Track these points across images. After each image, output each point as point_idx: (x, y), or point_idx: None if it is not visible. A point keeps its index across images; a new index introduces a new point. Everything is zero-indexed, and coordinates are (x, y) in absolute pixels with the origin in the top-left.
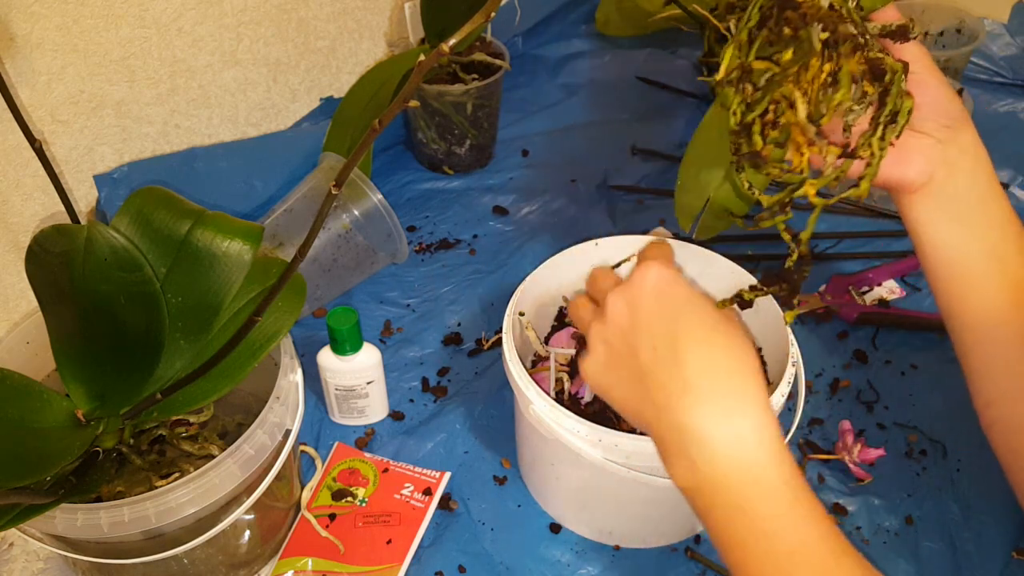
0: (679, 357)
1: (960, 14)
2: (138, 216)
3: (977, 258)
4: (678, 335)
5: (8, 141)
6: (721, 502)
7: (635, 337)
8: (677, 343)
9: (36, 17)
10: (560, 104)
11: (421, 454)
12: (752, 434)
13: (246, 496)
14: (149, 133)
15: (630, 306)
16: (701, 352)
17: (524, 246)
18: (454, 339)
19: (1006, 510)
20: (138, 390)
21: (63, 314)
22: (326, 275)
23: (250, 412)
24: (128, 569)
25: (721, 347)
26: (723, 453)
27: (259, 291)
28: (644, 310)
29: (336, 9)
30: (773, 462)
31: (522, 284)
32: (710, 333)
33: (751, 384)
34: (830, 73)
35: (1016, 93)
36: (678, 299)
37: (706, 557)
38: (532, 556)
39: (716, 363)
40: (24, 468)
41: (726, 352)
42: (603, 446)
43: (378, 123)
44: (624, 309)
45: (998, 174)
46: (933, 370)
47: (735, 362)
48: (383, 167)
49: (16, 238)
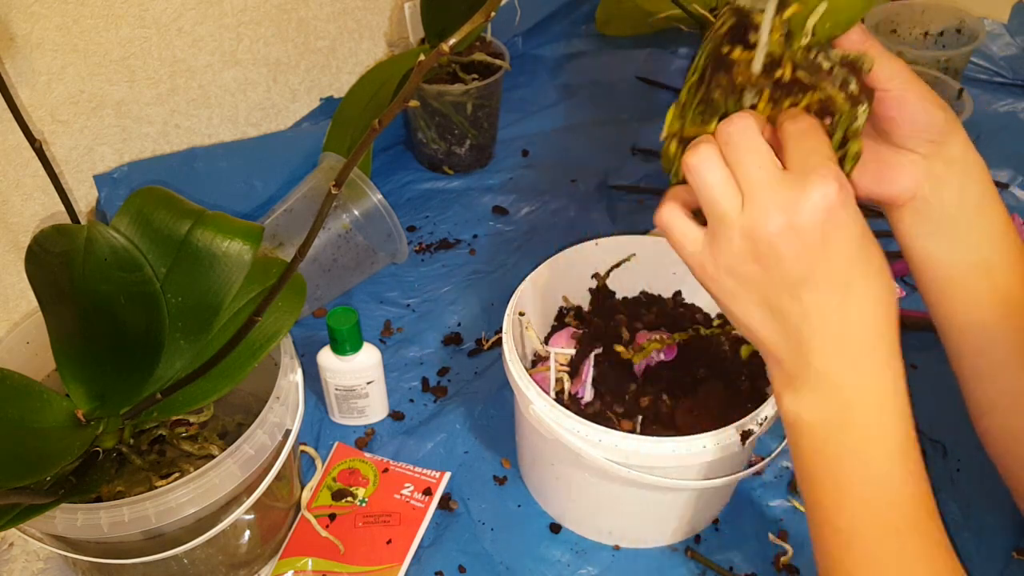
0: (835, 312)
1: (960, 14)
2: (138, 216)
3: (966, 271)
4: (844, 292)
5: (8, 141)
6: (836, 441)
7: (781, 278)
8: (839, 301)
9: (36, 17)
10: (560, 104)
11: (421, 454)
12: (890, 384)
13: (246, 496)
14: (149, 133)
15: (786, 238)
16: (863, 307)
17: (524, 246)
18: (454, 339)
19: (1006, 510)
20: (138, 390)
21: (63, 314)
22: (326, 275)
23: (250, 412)
24: (128, 569)
25: (873, 301)
26: (859, 400)
27: (259, 291)
28: (805, 256)
29: (336, 9)
30: (900, 419)
31: (522, 284)
32: (872, 290)
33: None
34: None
35: (1016, 93)
36: (850, 246)
37: (706, 557)
38: (532, 556)
39: (866, 318)
40: (24, 468)
41: (875, 307)
42: (603, 446)
43: (378, 123)
44: (780, 238)
45: (998, 174)
46: (933, 370)
47: (883, 320)
48: (383, 167)
49: (16, 238)
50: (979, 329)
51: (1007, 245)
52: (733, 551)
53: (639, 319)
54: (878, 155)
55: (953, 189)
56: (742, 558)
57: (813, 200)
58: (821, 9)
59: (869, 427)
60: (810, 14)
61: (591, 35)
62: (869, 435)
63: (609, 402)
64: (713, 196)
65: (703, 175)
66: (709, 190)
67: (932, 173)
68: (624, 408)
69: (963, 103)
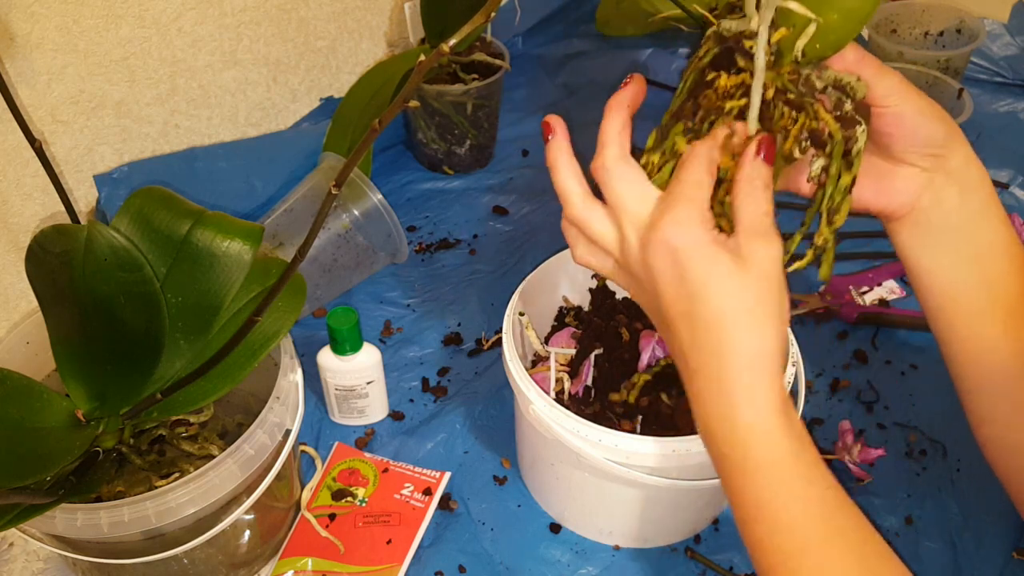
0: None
1: (960, 14)
2: (138, 216)
3: (966, 284)
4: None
5: (8, 141)
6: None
7: (657, 294)
8: (704, 330)
9: (36, 17)
10: (560, 104)
11: (421, 454)
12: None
13: (246, 496)
14: (149, 133)
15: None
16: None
17: (524, 246)
18: (454, 339)
19: (1006, 510)
20: (138, 390)
21: (63, 314)
22: (326, 275)
23: (250, 412)
24: (128, 569)
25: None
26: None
27: (259, 291)
28: (659, 282)
29: (336, 9)
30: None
31: (522, 284)
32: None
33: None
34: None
35: (1016, 93)
36: (696, 280)
37: (706, 557)
38: (532, 556)
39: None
40: (24, 468)
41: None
42: (603, 446)
43: (378, 123)
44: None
45: (998, 174)
46: (933, 370)
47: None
48: (383, 167)
49: (16, 238)
50: (979, 340)
51: (1009, 257)
52: (733, 551)
53: (639, 319)
54: (877, 169)
55: (953, 201)
56: (742, 558)
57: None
58: (811, 31)
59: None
60: (799, 36)
61: (591, 35)
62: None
63: (609, 402)
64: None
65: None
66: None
67: (932, 185)
68: (624, 408)
69: (963, 103)
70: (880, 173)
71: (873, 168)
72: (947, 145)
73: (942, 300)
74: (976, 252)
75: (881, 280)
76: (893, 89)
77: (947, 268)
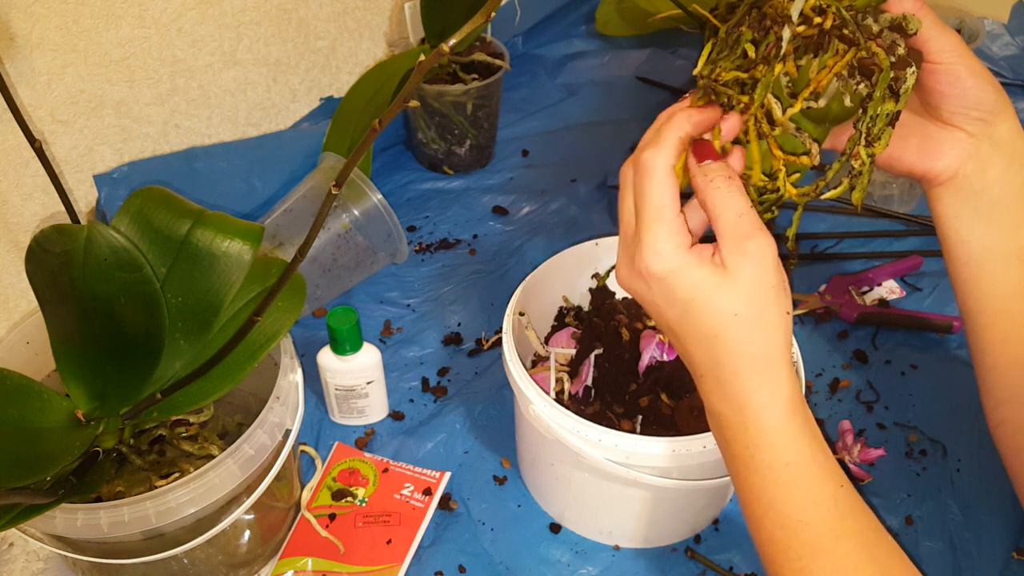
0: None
1: (960, 14)
2: (138, 216)
3: (1000, 257)
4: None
5: (8, 141)
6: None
7: (663, 308)
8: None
9: (36, 17)
10: (560, 104)
11: (421, 454)
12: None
13: (246, 496)
14: (149, 133)
15: (649, 290)
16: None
17: (524, 246)
18: (454, 339)
19: (1006, 510)
20: (138, 390)
21: (63, 314)
22: (326, 275)
23: (250, 412)
24: (128, 569)
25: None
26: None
27: (259, 291)
28: (657, 305)
29: (336, 9)
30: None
31: (522, 284)
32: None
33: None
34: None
35: (1016, 93)
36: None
37: (706, 557)
38: (532, 556)
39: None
40: (24, 468)
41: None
42: (603, 446)
43: (378, 123)
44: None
45: None
46: (933, 370)
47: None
48: (383, 167)
49: (16, 238)
50: (1008, 315)
51: None
52: (733, 551)
53: (639, 319)
54: (924, 130)
55: (997, 171)
56: (742, 558)
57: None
58: None
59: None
60: None
61: (591, 35)
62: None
63: (609, 402)
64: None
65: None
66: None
67: (978, 153)
68: (624, 408)
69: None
70: (927, 134)
71: (920, 128)
72: (996, 112)
73: (975, 270)
74: (1015, 225)
75: (881, 280)
76: (949, 46)
77: (984, 238)
